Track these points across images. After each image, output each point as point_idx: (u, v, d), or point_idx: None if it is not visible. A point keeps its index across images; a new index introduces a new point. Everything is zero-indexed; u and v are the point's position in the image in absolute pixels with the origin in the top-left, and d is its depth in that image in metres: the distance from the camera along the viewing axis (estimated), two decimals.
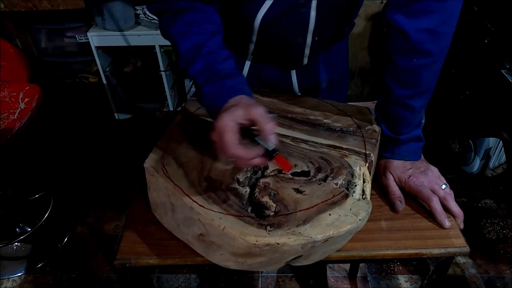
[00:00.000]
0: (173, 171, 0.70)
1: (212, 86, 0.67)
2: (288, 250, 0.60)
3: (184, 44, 0.72)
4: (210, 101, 0.67)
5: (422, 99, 0.78)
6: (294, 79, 0.99)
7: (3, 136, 1.33)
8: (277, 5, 0.79)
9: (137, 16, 2.12)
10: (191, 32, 0.72)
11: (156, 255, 0.70)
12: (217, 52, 0.72)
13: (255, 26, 0.83)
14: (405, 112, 0.78)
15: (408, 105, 0.77)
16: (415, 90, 0.76)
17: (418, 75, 0.74)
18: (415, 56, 0.71)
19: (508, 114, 1.62)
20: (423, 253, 0.71)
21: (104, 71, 2.26)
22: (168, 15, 0.75)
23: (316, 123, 0.84)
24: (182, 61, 0.72)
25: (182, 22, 0.73)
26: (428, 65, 0.73)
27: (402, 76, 0.75)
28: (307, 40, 0.87)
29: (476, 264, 1.69)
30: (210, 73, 0.69)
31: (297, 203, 0.64)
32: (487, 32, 1.66)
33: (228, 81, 0.67)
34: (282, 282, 1.65)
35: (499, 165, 2.05)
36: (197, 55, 0.70)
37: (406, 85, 0.75)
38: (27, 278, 1.69)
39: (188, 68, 0.71)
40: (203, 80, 0.69)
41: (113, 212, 1.97)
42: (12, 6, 1.95)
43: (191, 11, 0.74)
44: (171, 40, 0.74)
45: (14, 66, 1.71)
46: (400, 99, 0.77)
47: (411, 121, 0.80)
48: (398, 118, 0.80)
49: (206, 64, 0.70)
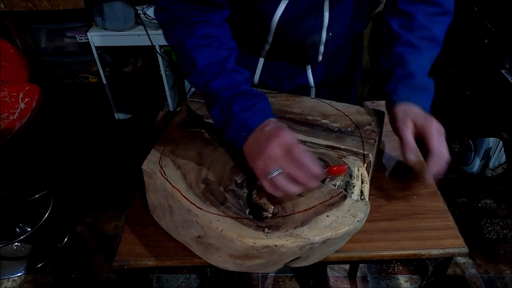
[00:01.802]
0: (171, 172, 0.70)
1: (243, 104, 0.68)
2: (286, 252, 0.60)
3: (204, 57, 0.70)
4: (241, 118, 0.67)
5: (431, 44, 0.80)
6: (309, 74, 0.99)
7: (3, 136, 1.34)
8: (292, 6, 0.80)
9: (137, 16, 2.11)
10: (211, 45, 0.71)
11: (155, 257, 0.70)
12: (240, 72, 0.72)
13: (272, 27, 0.83)
14: (415, 51, 0.79)
15: (417, 46, 0.79)
16: (424, 33, 0.79)
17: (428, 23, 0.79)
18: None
19: (508, 114, 1.62)
20: (422, 254, 0.70)
21: (104, 71, 2.26)
22: (184, 26, 0.73)
23: (315, 123, 0.84)
24: (201, 75, 0.71)
25: (200, 34, 0.71)
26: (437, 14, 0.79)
27: (410, 23, 0.80)
28: (322, 37, 0.88)
29: (476, 264, 1.69)
30: (237, 90, 0.69)
31: (295, 204, 0.64)
32: (487, 32, 1.65)
33: (259, 103, 0.69)
34: (282, 282, 1.65)
35: (499, 165, 2.04)
36: (222, 71, 0.70)
37: (412, 29, 0.79)
38: (27, 278, 1.69)
39: (210, 82, 0.70)
40: (229, 96, 0.69)
41: (113, 212, 1.97)
42: (12, 6, 1.95)
43: (209, 23, 0.73)
44: (186, 52, 0.72)
45: (14, 66, 1.71)
46: (409, 40, 0.79)
47: (420, 61, 0.80)
48: (408, 59, 0.79)
49: (233, 82, 0.70)
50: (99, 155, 2.31)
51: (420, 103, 0.76)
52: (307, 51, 0.91)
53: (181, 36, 0.72)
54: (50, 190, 1.94)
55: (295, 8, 0.80)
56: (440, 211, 0.77)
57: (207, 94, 0.72)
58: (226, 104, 0.69)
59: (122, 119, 2.52)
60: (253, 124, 0.66)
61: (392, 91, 0.79)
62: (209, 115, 0.83)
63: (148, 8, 2.07)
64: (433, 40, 0.81)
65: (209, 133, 0.80)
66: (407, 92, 0.77)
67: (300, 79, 0.99)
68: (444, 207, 0.78)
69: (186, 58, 0.73)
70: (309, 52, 0.92)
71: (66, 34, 2.26)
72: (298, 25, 0.84)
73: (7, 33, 2.16)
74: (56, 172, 2.18)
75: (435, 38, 0.81)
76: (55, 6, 1.96)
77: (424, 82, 0.78)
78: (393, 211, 0.77)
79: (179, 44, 0.73)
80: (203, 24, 0.72)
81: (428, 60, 0.81)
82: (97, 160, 2.27)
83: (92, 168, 2.23)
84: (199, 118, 0.85)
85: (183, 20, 0.72)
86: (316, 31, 0.86)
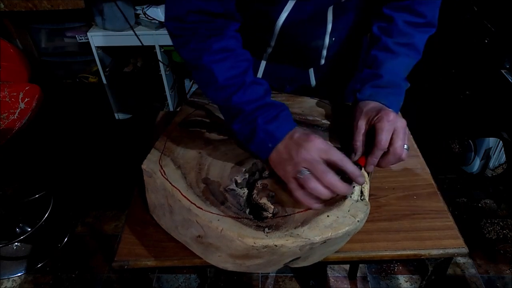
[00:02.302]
0: (171, 172, 0.70)
1: (267, 116, 0.68)
2: (286, 252, 0.60)
3: (223, 72, 0.70)
4: (267, 130, 0.68)
5: (409, 51, 0.80)
6: (311, 76, 0.99)
7: (3, 136, 1.34)
8: (297, 11, 0.79)
9: (137, 16, 2.11)
10: (229, 59, 0.71)
11: (155, 257, 0.70)
12: (260, 83, 0.72)
13: (275, 31, 0.83)
14: (389, 55, 0.79)
15: (393, 50, 0.78)
16: (402, 39, 0.79)
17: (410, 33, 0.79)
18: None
19: (508, 114, 1.62)
20: (422, 254, 0.71)
21: (104, 71, 2.26)
22: (199, 41, 0.71)
23: (315, 123, 0.84)
24: (222, 89, 0.70)
25: (217, 48, 0.70)
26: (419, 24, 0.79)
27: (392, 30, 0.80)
28: (325, 42, 0.88)
29: (476, 264, 1.68)
30: (259, 104, 0.69)
31: (295, 204, 0.64)
32: (487, 32, 1.65)
33: (282, 113, 0.69)
34: (282, 282, 1.65)
35: (499, 165, 2.04)
36: (243, 85, 0.70)
37: (392, 34, 0.79)
38: (27, 278, 1.69)
39: (232, 96, 0.69)
40: (252, 109, 0.69)
41: (113, 212, 1.97)
42: (12, 6, 1.95)
43: (224, 37, 0.72)
44: (205, 68, 0.71)
45: (14, 66, 1.71)
46: (386, 44, 0.79)
47: (393, 65, 0.78)
48: (381, 62, 0.79)
49: (255, 95, 0.70)
50: (99, 155, 2.31)
51: (384, 101, 0.74)
52: (309, 55, 0.92)
53: (197, 50, 0.71)
54: (50, 190, 1.94)
55: (300, 13, 0.79)
56: (440, 211, 0.77)
57: (228, 108, 0.72)
58: (249, 117, 0.69)
59: (122, 119, 2.52)
60: (280, 135, 0.67)
61: (357, 90, 0.79)
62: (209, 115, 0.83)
63: (148, 8, 2.07)
64: (411, 47, 0.79)
65: (209, 133, 0.80)
66: (370, 90, 0.76)
67: (302, 80, 1.00)
68: (444, 207, 0.78)
69: (204, 73, 0.72)
70: (312, 56, 0.92)
71: (66, 34, 2.26)
72: (301, 30, 0.84)
73: (7, 33, 2.16)
74: (56, 172, 2.18)
75: (414, 46, 0.80)
76: (55, 6, 1.96)
77: (393, 83, 0.77)
78: (393, 211, 0.77)
79: (196, 59, 0.72)
80: (218, 37, 0.71)
81: (403, 65, 0.79)
82: (97, 160, 2.27)
83: (92, 168, 2.23)
84: (199, 118, 0.85)
85: (196, 34, 0.71)
86: (319, 36, 0.87)
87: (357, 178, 0.63)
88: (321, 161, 0.62)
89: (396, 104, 0.75)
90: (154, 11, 2.05)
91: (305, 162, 0.62)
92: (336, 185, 0.60)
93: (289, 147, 0.65)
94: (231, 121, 0.72)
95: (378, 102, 0.74)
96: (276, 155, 0.67)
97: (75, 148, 2.35)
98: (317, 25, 0.84)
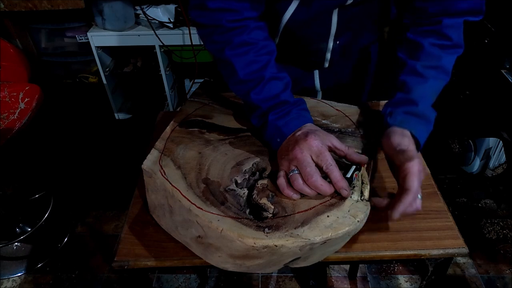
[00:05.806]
0: (171, 172, 0.70)
1: (279, 113, 0.72)
2: (286, 252, 0.60)
3: (243, 66, 0.72)
4: (276, 125, 0.71)
5: (438, 74, 0.77)
6: (316, 78, 0.99)
7: (3, 136, 1.34)
8: (302, 9, 0.80)
9: (137, 16, 2.11)
10: (250, 52, 0.72)
11: (154, 257, 0.70)
12: (279, 78, 0.74)
13: (280, 28, 0.84)
14: (418, 79, 0.76)
15: (422, 74, 0.76)
16: (431, 62, 0.77)
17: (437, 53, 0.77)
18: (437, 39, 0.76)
19: (508, 114, 1.62)
20: (422, 254, 0.70)
21: (104, 71, 2.26)
22: (221, 33, 0.73)
23: (315, 123, 0.83)
24: (242, 84, 0.73)
25: (238, 42, 0.72)
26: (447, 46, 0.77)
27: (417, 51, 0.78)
28: (328, 45, 0.88)
29: (476, 264, 1.68)
30: (275, 102, 0.72)
31: (295, 205, 0.64)
32: (487, 32, 1.65)
33: (294, 110, 0.73)
34: (282, 282, 1.65)
35: (499, 165, 2.04)
36: (261, 81, 0.72)
37: (419, 58, 0.77)
38: (27, 278, 1.69)
39: (250, 92, 0.72)
40: (268, 107, 0.73)
41: (113, 212, 1.97)
42: (12, 6, 1.95)
43: (246, 29, 0.73)
44: (227, 60, 0.73)
45: (14, 66, 1.72)
46: (414, 68, 0.76)
47: (424, 90, 0.75)
48: (411, 87, 0.75)
49: (272, 92, 0.72)
50: (99, 155, 2.31)
51: (414, 131, 0.71)
52: (312, 57, 0.92)
53: (219, 43, 0.73)
54: (50, 190, 1.94)
55: (305, 12, 0.80)
56: (440, 211, 0.77)
57: (247, 102, 0.76)
58: (264, 113, 0.74)
59: (122, 119, 2.51)
60: (287, 131, 0.71)
61: (388, 114, 0.75)
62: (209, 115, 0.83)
63: (148, 8, 2.06)
64: (441, 69, 0.76)
65: (209, 133, 0.80)
66: (401, 116, 0.73)
67: (307, 82, 1.00)
68: (444, 207, 0.78)
69: (226, 66, 0.74)
70: (315, 58, 0.92)
71: (66, 34, 2.26)
72: (305, 30, 0.84)
73: (7, 33, 2.15)
74: (56, 172, 2.18)
75: (443, 68, 0.76)
76: (55, 6, 1.95)
77: (424, 112, 0.73)
78: None
79: (218, 51, 0.74)
80: (240, 30, 0.72)
81: (433, 90, 0.76)
82: (97, 160, 2.27)
83: (92, 168, 2.23)
84: (199, 118, 0.85)
85: (219, 26, 0.72)
86: (322, 39, 0.87)
87: (340, 190, 0.64)
88: (311, 162, 0.64)
89: (424, 134, 0.73)
90: (154, 11, 2.04)
91: (296, 160, 0.65)
92: (319, 187, 0.63)
93: (288, 143, 0.69)
94: (249, 114, 0.77)
95: (409, 130, 0.71)
96: (280, 149, 0.71)
97: (75, 148, 2.35)
98: (320, 27, 0.84)
